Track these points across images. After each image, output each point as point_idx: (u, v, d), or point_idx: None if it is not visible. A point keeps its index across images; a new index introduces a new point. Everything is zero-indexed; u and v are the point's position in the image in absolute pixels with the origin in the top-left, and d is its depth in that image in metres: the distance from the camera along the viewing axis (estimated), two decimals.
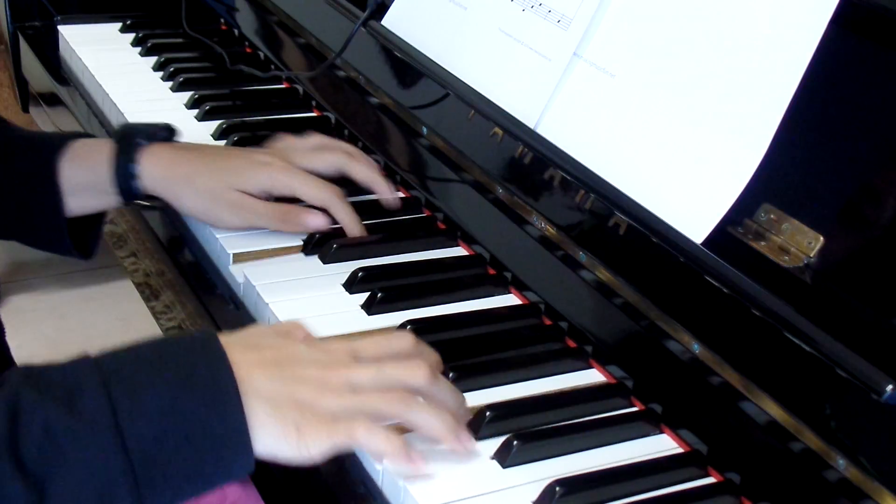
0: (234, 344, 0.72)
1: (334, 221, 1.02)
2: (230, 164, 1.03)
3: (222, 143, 1.20)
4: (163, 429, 0.67)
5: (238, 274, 0.96)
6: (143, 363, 0.69)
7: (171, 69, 1.37)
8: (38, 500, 0.65)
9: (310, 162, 1.05)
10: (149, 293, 1.15)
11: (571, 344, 0.90)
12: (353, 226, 1.03)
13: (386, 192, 1.08)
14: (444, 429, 0.74)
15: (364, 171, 1.07)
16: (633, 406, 0.84)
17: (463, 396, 0.79)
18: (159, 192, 1.03)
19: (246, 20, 1.47)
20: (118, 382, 0.67)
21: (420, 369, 0.75)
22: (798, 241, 0.77)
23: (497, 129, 1.01)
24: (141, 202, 1.05)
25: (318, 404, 0.71)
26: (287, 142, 1.09)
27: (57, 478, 0.65)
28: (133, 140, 1.03)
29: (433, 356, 0.78)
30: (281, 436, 0.70)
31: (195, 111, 1.28)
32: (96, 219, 1.08)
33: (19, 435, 0.64)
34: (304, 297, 0.93)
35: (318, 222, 1.01)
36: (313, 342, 0.77)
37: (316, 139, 1.10)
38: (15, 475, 0.64)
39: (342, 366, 0.74)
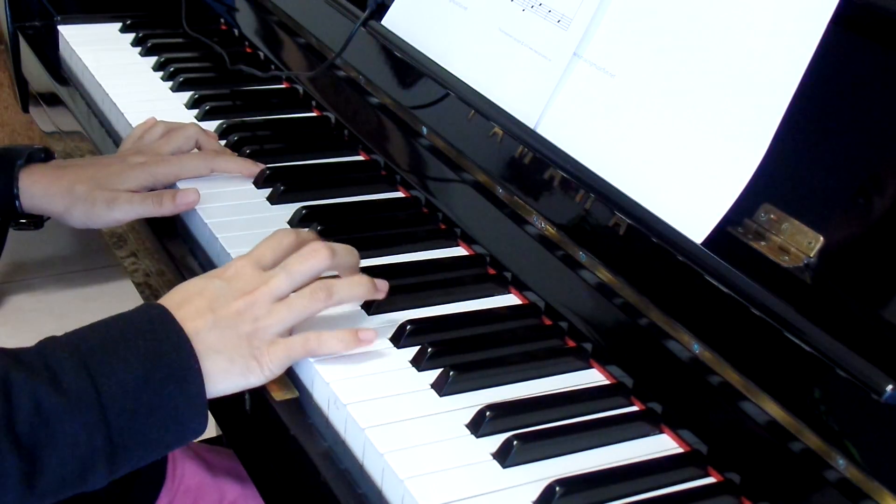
0: (172, 304, 0.81)
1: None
2: (108, 170, 1.08)
3: (223, 143, 1.20)
4: (136, 403, 0.75)
5: None
6: (112, 343, 0.76)
7: (171, 69, 1.37)
8: (31, 471, 0.71)
9: (173, 144, 1.12)
10: (149, 293, 1.16)
11: (571, 344, 0.90)
12: (246, 169, 1.11)
13: (235, 162, 1.13)
14: (367, 290, 0.86)
15: (215, 143, 1.16)
16: (633, 406, 0.84)
17: (354, 249, 0.89)
18: (42, 210, 1.09)
19: (246, 20, 1.47)
20: (96, 362, 0.74)
21: (318, 252, 0.85)
22: (798, 241, 0.77)
23: (497, 129, 1.01)
24: (22, 221, 1.11)
25: (260, 329, 0.81)
26: (140, 137, 1.15)
27: (47, 451, 0.72)
28: (12, 162, 1.07)
29: (311, 233, 0.90)
30: (243, 372, 0.80)
31: (195, 111, 1.28)
32: None
33: (13, 413, 0.70)
34: None
35: (191, 197, 1.05)
36: (223, 272, 0.84)
37: (159, 126, 1.15)
38: (11, 449, 0.70)
39: (259, 283, 0.83)
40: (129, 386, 0.75)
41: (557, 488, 0.72)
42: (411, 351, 0.86)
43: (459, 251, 1.03)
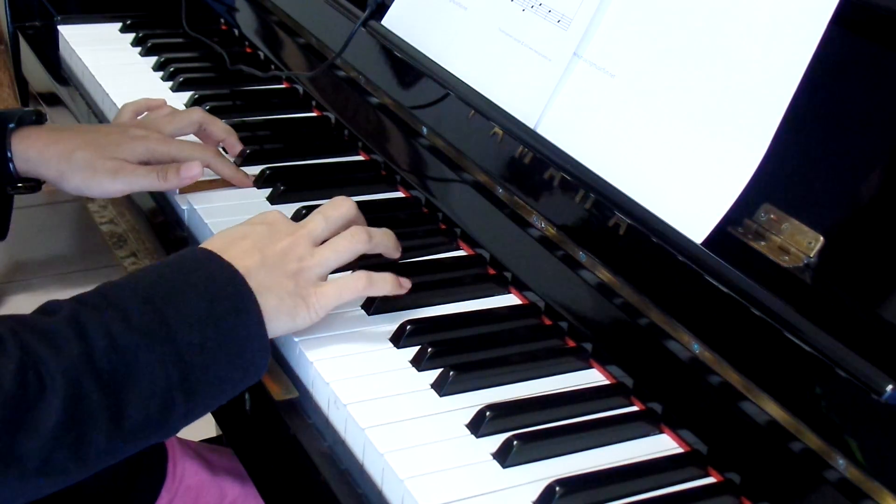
0: (218, 247, 0.82)
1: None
2: (108, 139, 1.07)
3: None
4: (203, 337, 0.75)
5: None
6: (169, 280, 0.77)
7: (171, 69, 1.37)
8: (118, 408, 0.71)
9: (176, 125, 1.12)
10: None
11: (571, 344, 0.91)
12: (237, 179, 1.11)
13: (238, 146, 1.15)
14: (393, 246, 0.92)
15: (221, 126, 1.15)
16: (633, 406, 0.84)
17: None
18: (36, 174, 1.08)
19: (246, 20, 1.47)
20: (161, 298, 0.75)
21: (346, 202, 0.90)
22: (798, 241, 0.77)
23: (497, 129, 1.01)
24: (20, 186, 1.09)
25: (305, 269, 0.84)
26: (145, 112, 1.16)
27: (129, 386, 0.72)
28: (3, 125, 1.06)
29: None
30: (293, 312, 0.82)
31: None
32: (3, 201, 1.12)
33: (92, 351, 0.70)
34: None
35: (194, 170, 1.06)
36: (261, 220, 0.87)
37: (166, 108, 1.16)
38: (96, 388, 0.70)
39: (298, 227, 0.86)
40: (195, 319, 0.75)
41: (557, 488, 0.72)
42: (411, 351, 0.86)
43: (459, 251, 1.03)
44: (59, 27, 1.49)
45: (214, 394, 0.77)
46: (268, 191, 1.10)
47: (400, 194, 1.13)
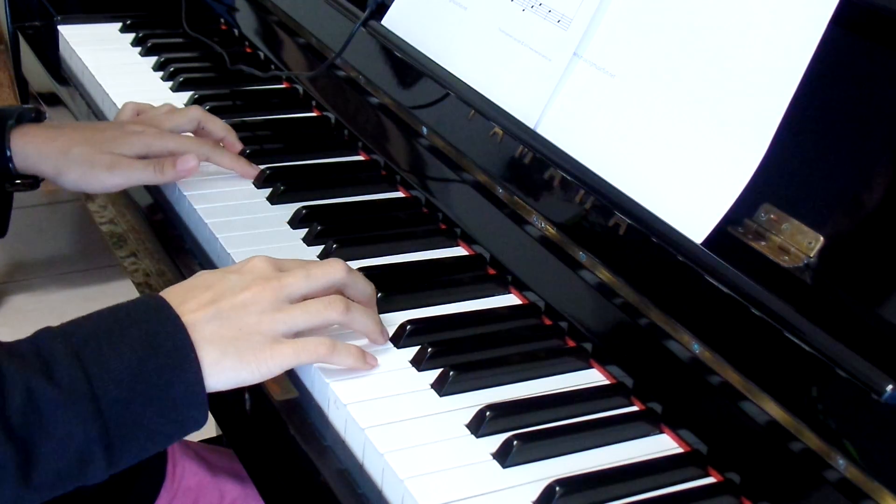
0: (174, 297, 0.79)
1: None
2: (105, 135, 1.08)
3: None
4: (132, 392, 0.73)
5: None
6: (106, 333, 0.75)
7: (171, 69, 1.37)
8: (26, 463, 0.70)
9: (174, 122, 1.12)
10: (149, 293, 1.16)
11: (571, 344, 0.90)
12: (241, 168, 1.11)
13: (237, 145, 1.15)
14: (376, 329, 0.85)
15: (220, 125, 1.15)
16: (633, 406, 0.84)
17: (371, 284, 0.87)
18: (36, 170, 1.08)
19: (246, 20, 1.47)
20: (89, 353, 0.73)
21: (339, 264, 0.84)
22: (798, 241, 0.77)
23: (497, 129, 1.01)
24: (18, 183, 1.10)
25: (265, 324, 0.79)
26: (144, 109, 1.16)
27: (41, 443, 0.71)
28: (3, 123, 1.06)
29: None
30: (238, 367, 0.77)
31: None
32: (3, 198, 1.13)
33: (6, 403, 0.70)
34: None
35: (190, 163, 1.06)
36: (240, 267, 0.83)
37: (165, 105, 1.17)
38: (4, 441, 0.69)
39: (272, 278, 0.81)
40: (122, 376, 0.73)
41: (557, 488, 0.72)
42: (411, 351, 0.86)
43: (459, 251, 1.03)
44: (59, 27, 1.49)
45: (143, 446, 0.75)
46: (268, 191, 1.10)
47: (400, 194, 1.13)
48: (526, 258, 0.96)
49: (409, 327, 0.88)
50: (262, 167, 1.13)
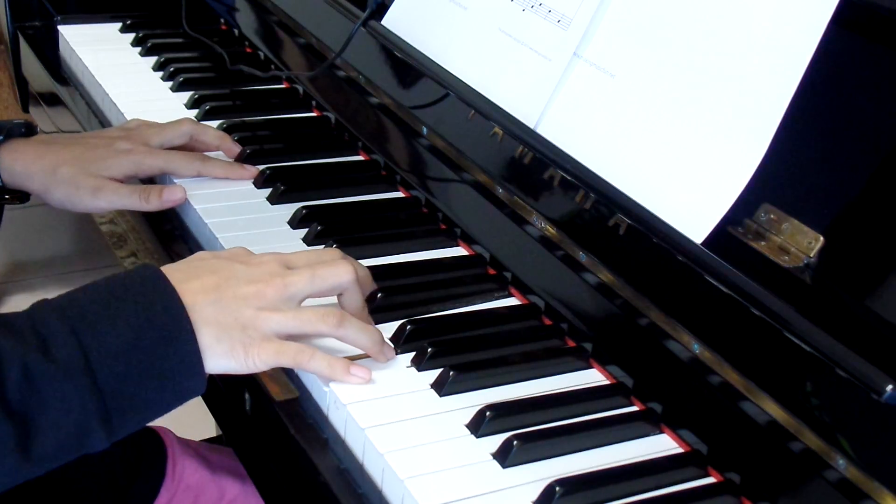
0: (177, 275, 0.79)
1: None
2: (94, 154, 1.07)
3: None
4: (128, 365, 0.73)
5: None
6: (102, 306, 0.75)
7: (171, 69, 1.37)
8: (25, 437, 0.71)
9: (164, 137, 1.11)
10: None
11: (571, 344, 0.90)
12: (235, 174, 1.11)
13: (235, 149, 1.15)
14: (373, 344, 0.83)
15: (213, 134, 1.15)
16: (633, 406, 0.84)
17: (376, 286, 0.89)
18: (22, 186, 1.08)
19: (246, 20, 1.47)
20: (85, 327, 0.74)
21: (347, 267, 0.83)
22: (798, 241, 0.77)
23: (497, 129, 1.01)
24: (7, 197, 1.09)
25: (260, 319, 0.79)
26: (137, 122, 1.15)
27: (39, 417, 0.71)
28: None
29: (356, 262, 0.86)
30: (228, 355, 0.78)
31: (195, 111, 1.28)
32: None
33: (3, 379, 0.70)
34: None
35: (177, 195, 1.06)
36: (249, 258, 0.83)
37: (154, 123, 1.15)
38: (2, 415, 0.70)
39: (277, 276, 0.81)
40: (118, 349, 0.73)
41: (557, 488, 0.72)
42: (411, 351, 0.86)
43: (459, 251, 1.03)
44: (59, 27, 1.49)
45: (142, 415, 0.76)
46: (268, 191, 1.10)
47: (400, 194, 1.13)
48: (526, 258, 0.96)
49: (409, 327, 0.88)
50: (262, 167, 1.13)
